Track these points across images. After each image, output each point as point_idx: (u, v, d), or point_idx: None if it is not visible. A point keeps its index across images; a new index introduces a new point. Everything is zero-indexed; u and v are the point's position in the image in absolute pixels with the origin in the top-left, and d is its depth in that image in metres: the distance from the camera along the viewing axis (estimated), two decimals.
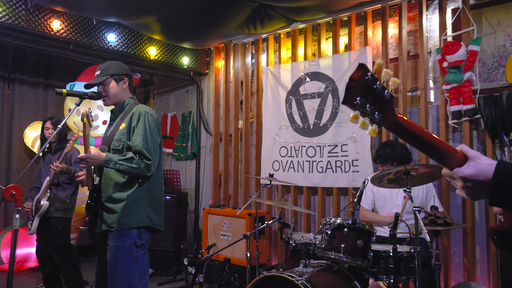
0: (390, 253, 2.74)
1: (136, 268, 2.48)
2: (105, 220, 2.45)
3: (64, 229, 4.10)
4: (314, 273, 2.70)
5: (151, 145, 2.48)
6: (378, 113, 0.94)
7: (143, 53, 5.21)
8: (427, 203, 3.44)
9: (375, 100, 0.94)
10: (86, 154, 2.28)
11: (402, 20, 4.08)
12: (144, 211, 2.51)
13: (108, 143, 2.49)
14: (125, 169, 2.38)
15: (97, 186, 2.48)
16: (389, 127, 0.99)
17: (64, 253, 4.08)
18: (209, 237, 4.80)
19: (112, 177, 2.48)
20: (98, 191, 2.48)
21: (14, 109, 5.54)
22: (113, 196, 2.46)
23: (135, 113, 2.55)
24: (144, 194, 2.52)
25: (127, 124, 2.54)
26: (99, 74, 2.59)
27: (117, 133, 2.53)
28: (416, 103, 4.08)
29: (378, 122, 0.94)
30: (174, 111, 6.50)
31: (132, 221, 2.46)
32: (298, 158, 4.71)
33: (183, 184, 6.20)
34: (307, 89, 4.70)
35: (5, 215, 5.40)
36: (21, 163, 5.55)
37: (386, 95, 0.95)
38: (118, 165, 2.36)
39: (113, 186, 2.47)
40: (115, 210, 2.44)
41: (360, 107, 0.92)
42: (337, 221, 2.83)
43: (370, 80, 0.93)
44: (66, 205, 4.07)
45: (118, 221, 2.43)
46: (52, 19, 4.35)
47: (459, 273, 3.74)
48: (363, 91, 0.93)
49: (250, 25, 4.77)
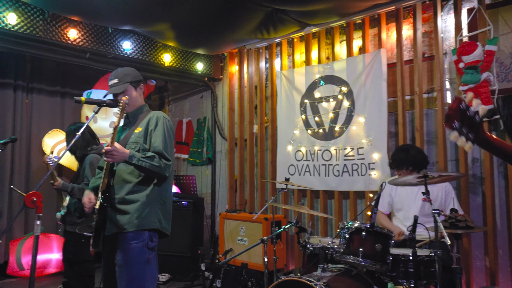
0: (409, 257, 2.70)
1: (149, 271, 2.45)
2: (117, 222, 2.41)
3: (74, 245, 3.90)
4: (332, 278, 2.68)
5: (169, 147, 2.52)
6: (472, 133, 1.27)
7: (158, 60, 5.27)
8: (446, 206, 3.38)
9: (469, 123, 1.26)
10: (112, 146, 2.26)
11: (416, 22, 4.05)
12: (156, 214, 2.50)
13: (123, 145, 2.46)
14: (147, 167, 2.38)
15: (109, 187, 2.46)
16: (480, 144, 1.31)
17: (75, 268, 4.02)
18: (226, 242, 4.80)
19: (125, 178, 2.47)
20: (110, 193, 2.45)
21: (32, 118, 5.64)
22: (126, 198, 2.44)
23: (153, 118, 2.58)
24: (156, 197, 2.52)
25: (144, 128, 2.56)
26: (117, 82, 2.60)
27: (133, 136, 2.55)
28: (432, 105, 4.04)
29: (472, 140, 1.27)
30: (189, 117, 6.55)
31: (144, 223, 2.43)
32: (314, 162, 4.69)
33: (199, 189, 6.23)
34: (321, 92, 4.69)
35: (25, 222, 5.48)
36: (39, 170, 5.64)
37: (477, 119, 1.27)
38: (141, 161, 2.36)
39: (126, 187, 2.46)
40: (128, 212, 2.41)
41: (457, 129, 1.26)
42: (355, 225, 2.80)
43: (463, 108, 1.26)
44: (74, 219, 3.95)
45: (131, 223, 2.40)
46: (68, 28, 4.43)
47: (481, 277, 3.66)
48: (459, 116, 1.26)
49: (263, 30, 4.79)
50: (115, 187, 2.46)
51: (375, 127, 4.21)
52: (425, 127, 4.03)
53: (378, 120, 4.18)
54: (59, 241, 5.27)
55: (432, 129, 4.02)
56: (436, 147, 3.93)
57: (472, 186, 3.74)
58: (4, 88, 5.37)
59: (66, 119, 5.89)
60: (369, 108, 4.27)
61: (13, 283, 4.92)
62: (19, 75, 5.50)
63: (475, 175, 3.74)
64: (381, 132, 4.16)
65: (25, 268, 5.04)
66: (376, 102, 4.21)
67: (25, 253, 5.05)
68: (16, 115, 5.45)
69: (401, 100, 4.10)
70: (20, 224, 5.41)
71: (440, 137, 3.85)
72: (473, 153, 3.76)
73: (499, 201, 3.59)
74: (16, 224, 5.33)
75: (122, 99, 2.39)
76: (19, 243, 5.08)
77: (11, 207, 5.35)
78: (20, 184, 5.29)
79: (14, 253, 5.05)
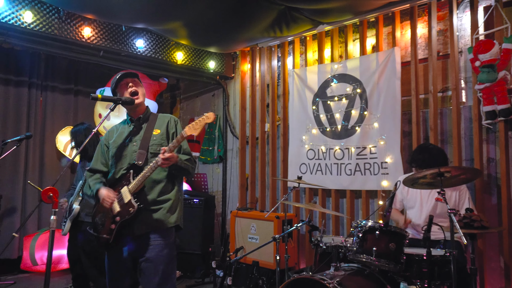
0: (423, 257, 2.67)
1: (175, 266, 2.61)
2: (151, 221, 2.47)
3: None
4: (345, 277, 2.67)
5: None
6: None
7: (170, 58, 5.29)
8: (460, 206, 3.34)
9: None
10: (170, 154, 2.38)
11: (431, 20, 4.01)
12: (180, 211, 2.64)
13: (145, 147, 2.55)
14: (187, 168, 2.56)
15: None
16: None
17: (93, 258, 4.11)
18: (237, 240, 4.81)
19: (155, 179, 2.53)
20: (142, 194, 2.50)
21: (46, 115, 5.71)
22: (158, 199, 2.52)
23: (170, 121, 2.70)
24: (180, 195, 2.67)
25: (163, 130, 2.65)
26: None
27: (153, 138, 2.61)
28: (447, 104, 3.99)
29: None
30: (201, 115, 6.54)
31: (173, 220, 2.54)
32: (326, 160, 4.67)
33: (210, 187, 6.24)
34: (334, 91, 4.66)
35: (39, 217, 5.55)
36: (53, 167, 5.71)
37: None
38: (184, 164, 2.54)
39: (158, 188, 2.53)
40: (161, 210, 2.50)
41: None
42: (369, 224, 2.78)
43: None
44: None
45: (165, 221, 2.50)
46: (83, 27, 4.47)
47: (495, 279, 3.62)
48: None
49: (276, 28, 4.77)
50: (146, 188, 2.51)
51: (389, 126, 4.17)
52: (440, 126, 3.99)
53: (392, 119, 4.15)
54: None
55: (447, 128, 3.98)
56: (451, 147, 3.89)
57: (487, 186, 3.69)
58: (19, 85, 5.44)
59: (79, 116, 5.94)
60: (383, 107, 4.24)
61: (27, 278, 4.99)
62: (33, 73, 5.56)
63: (491, 175, 3.69)
64: (394, 131, 4.13)
65: (39, 264, 5.10)
66: (389, 100, 4.18)
67: (39, 248, 5.11)
68: (30, 112, 5.52)
69: (415, 98, 4.06)
70: (34, 220, 5.48)
71: (455, 136, 3.81)
72: (489, 153, 3.71)
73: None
74: (30, 220, 5.39)
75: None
76: (32, 239, 5.14)
77: (25, 202, 5.42)
78: (33, 180, 5.34)
79: (28, 248, 5.11)
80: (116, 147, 2.64)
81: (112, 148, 2.66)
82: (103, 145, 2.73)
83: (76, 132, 4.12)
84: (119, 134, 2.70)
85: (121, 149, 2.62)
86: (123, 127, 2.74)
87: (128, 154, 2.59)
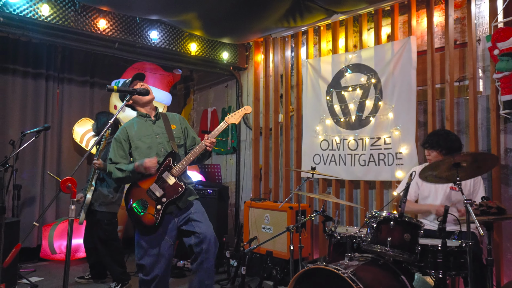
0: (438, 248, 2.66)
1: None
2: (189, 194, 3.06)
3: (109, 223, 4.23)
4: (359, 266, 2.67)
5: None
6: None
7: (184, 49, 5.31)
8: (475, 195, 3.30)
9: None
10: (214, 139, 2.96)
11: (448, 7, 3.94)
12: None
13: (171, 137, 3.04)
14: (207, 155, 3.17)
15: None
16: None
17: (109, 246, 4.22)
18: (250, 230, 4.85)
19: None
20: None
21: (63, 107, 5.80)
22: (186, 180, 3.07)
23: (180, 118, 3.24)
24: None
25: (178, 126, 3.17)
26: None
27: (174, 131, 3.11)
28: (464, 93, 3.93)
29: None
30: (214, 106, 6.59)
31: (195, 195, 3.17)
32: (339, 151, 4.65)
33: (224, 178, 6.28)
34: (348, 81, 4.63)
35: (56, 207, 5.67)
36: (70, 158, 5.80)
37: None
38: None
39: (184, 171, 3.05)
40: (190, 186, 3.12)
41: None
42: (383, 214, 2.78)
43: None
44: (110, 199, 4.20)
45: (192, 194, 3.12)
46: (98, 19, 4.51)
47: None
48: None
49: (289, 18, 4.74)
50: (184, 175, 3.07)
51: (404, 117, 4.13)
52: (456, 117, 3.94)
53: (407, 109, 4.11)
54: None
55: (463, 119, 3.93)
56: (467, 137, 3.84)
57: (504, 177, 3.65)
58: (37, 78, 5.53)
59: (95, 108, 6.02)
60: (398, 97, 4.19)
61: (46, 266, 5.11)
62: (50, 65, 5.64)
63: (508, 165, 3.64)
64: (409, 121, 4.09)
65: (57, 252, 5.22)
66: (404, 90, 4.14)
67: (57, 237, 5.23)
68: (48, 104, 5.61)
69: (431, 88, 4.01)
70: (52, 209, 5.60)
71: (471, 126, 3.76)
72: (506, 143, 3.66)
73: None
74: (48, 210, 5.51)
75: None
76: (51, 228, 5.26)
77: (43, 192, 5.53)
78: (51, 170, 5.45)
79: (47, 237, 5.23)
80: (140, 140, 3.01)
81: (136, 141, 3.00)
82: (121, 140, 3.01)
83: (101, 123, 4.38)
84: (139, 128, 3.04)
85: (145, 141, 3.00)
86: (139, 122, 3.07)
87: (154, 145, 2.99)
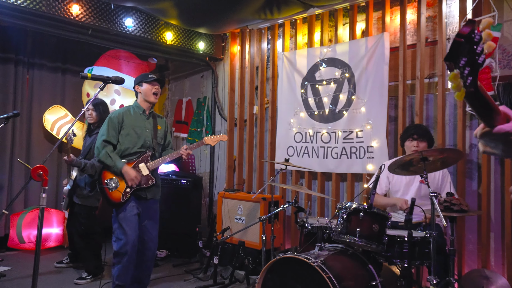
0: (404, 238, 2.77)
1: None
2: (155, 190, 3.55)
3: (86, 217, 4.15)
4: (329, 256, 2.75)
5: None
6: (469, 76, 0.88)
7: (160, 38, 5.24)
8: (442, 189, 3.46)
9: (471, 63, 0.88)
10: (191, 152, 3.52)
11: (421, 6, 4.04)
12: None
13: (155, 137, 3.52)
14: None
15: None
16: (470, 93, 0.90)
17: (85, 240, 4.16)
18: (224, 220, 4.88)
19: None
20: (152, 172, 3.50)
21: (33, 93, 5.64)
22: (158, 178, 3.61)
23: (166, 122, 3.70)
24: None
25: (163, 128, 3.61)
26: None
27: (158, 132, 3.55)
28: (433, 90, 4.06)
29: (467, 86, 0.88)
30: (189, 96, 6.55)
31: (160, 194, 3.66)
32: (313, 144, 4.73)
33: (198, 169, 6.28)
34: (323, 75, 4.70)
35: (25, 196, 5.54)
36: (40, 146, 5.67)
37: (480, 60, 0.89)
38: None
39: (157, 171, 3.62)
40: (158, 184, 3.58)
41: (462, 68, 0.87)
42: (353, 206, 2.86)
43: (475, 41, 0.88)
44: (86, 193, 4.12)
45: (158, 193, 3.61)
46: (71, 4, 4.40)
47: (473, 260, 3.76)
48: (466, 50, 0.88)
49: (266, 10, 4.76)
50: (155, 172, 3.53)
51: (375, 111, 4.24)
52: (425, 112, 4.07)
53: (379, 104, 4.21)
54: (58, 215, 5.34)
55: (432, 114, 4.06)
56: (435, 132, 3.97)
57: (469, 171, 3.80)
58: (6, 62, 5.35)
59: (67, 95, 5.89)
60: (370, 91, 4.29)
61: (14, 256, 5.00)
62: (20, 50, 5.47)
63: (472, 160, 3.80)
64: (381, 116, 4.20)
65: (26, 241, 5.12)
66: (377, 86, 4.24)
67: (26, 226, 5.12)
68: (17, 90, 5.45)
69: (402, 84, 4.12)
70: (21, 198, 5.47)
71: (439, 122, 3.89)
72: (471, 139, 3.81)
73: (494, 186, 3.65)
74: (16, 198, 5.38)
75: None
76: (19, 217, 5.14)
77: (12, 180, 5.40)
78: (21, 158, 5.30)
79: (15, 226, 5.12)
80: (132, 128, 3.41)
81: (128, 128, 3.39)
82: (116, 122, 3.38)
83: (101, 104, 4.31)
84: (135, 118, 3.45)
85: (137, 131, 3.42)
86: (136, 113, 3.47)
87: (143, 136, 3.44)
